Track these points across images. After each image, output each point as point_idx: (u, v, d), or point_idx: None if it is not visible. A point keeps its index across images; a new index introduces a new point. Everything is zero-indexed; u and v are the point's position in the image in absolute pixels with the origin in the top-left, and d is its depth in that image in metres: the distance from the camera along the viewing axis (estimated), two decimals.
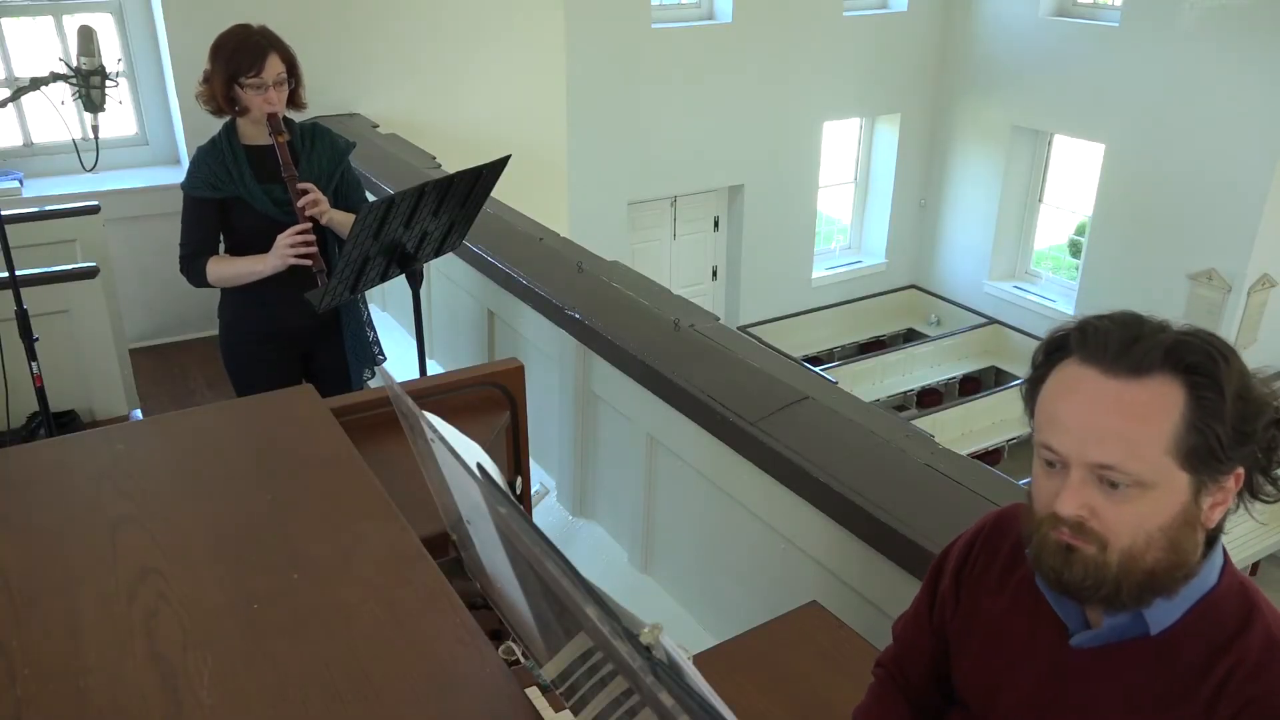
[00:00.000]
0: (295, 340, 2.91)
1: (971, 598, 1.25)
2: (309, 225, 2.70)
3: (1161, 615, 1.05)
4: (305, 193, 2.69)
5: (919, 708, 1.35)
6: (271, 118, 2.65)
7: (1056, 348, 1.07)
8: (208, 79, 2.68)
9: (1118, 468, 0.99)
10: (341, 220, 2.80)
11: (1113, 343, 1.01)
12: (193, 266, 2.76)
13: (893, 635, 1.41)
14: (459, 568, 1.61)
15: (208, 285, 2.79)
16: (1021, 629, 1.18)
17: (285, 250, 2.68)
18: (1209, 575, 1.05)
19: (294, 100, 2.75)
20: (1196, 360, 0.99)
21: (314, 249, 2.69)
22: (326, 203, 2.74)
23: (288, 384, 2.64)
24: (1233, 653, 1.02)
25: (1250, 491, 1.04)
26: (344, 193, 2.87)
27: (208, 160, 2.71)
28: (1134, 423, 0.99)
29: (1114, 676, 1.08)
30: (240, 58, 2.61)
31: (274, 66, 2.63)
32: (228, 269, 2.76)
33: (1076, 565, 1.02)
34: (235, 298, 2.84)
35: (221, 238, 2.81)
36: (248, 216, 2.73)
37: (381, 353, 3.12)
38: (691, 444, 2.57)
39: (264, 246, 2.72)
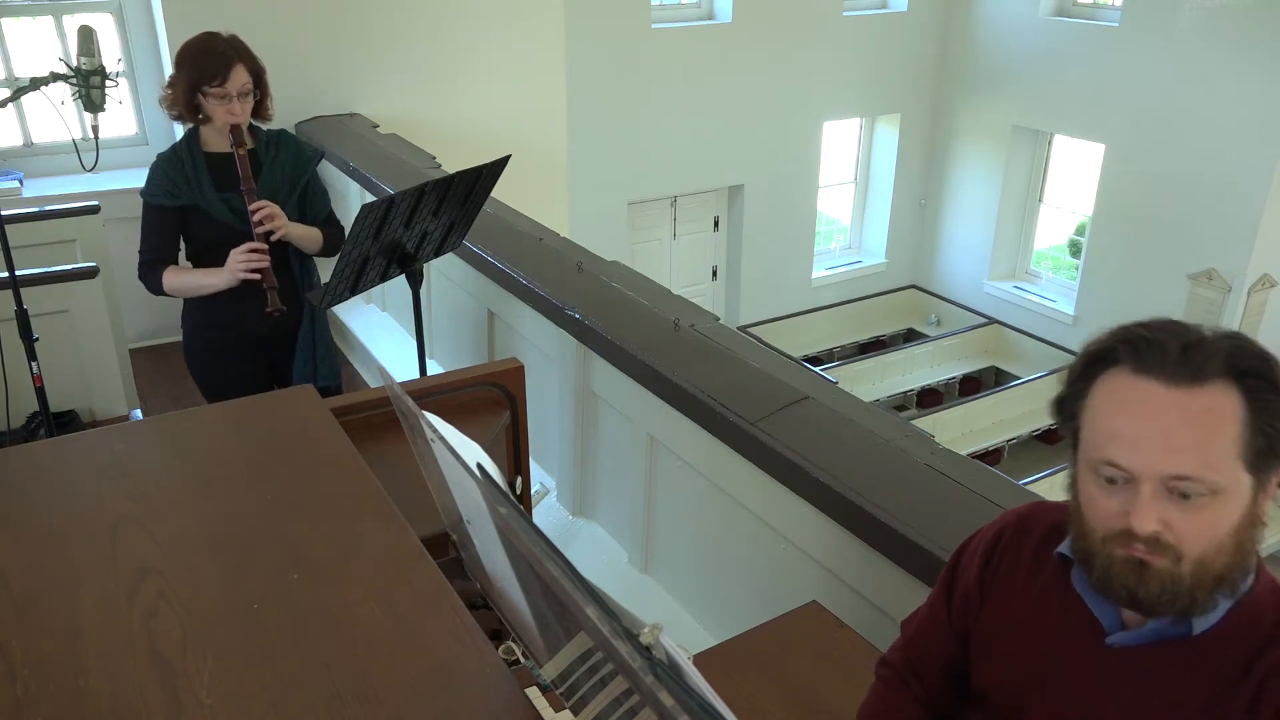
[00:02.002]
0: (259, 349, 2.88)
1: (997, 598, 1.23)
2: (263, 243, 2.67)
3: (1205, 618, 1.05)
4: (260, 208, 2.65)
5: (931, 708, 1.34)
6: (234, 129, 2.62)
7: (1098, 360, 1.05)
8: (172, 84, 2.65)
9: (1194, 477, 0.98)
10: (301, 235, 2.78)
11: (1171, 352, 1.00)
12: (150, 274, 2.73)
13: (902, 633, 1.39)
14: (459, 568, 1.61)
15: (164, 294, 2.76)
16: (1051, 629, 1.17)
17: (236, 266, 2.65)
18: (1247, 577, 1.06)
19: (260, 112, 2.73)
20: (1252, 365, 1.00)
21: (265, 265, 2.66)
22: (283, 218, 2.71)
23: (253, 391, 2.55)
24: (1272, 653, 1.03)
25: None
26: (309, 200, 2.85)
27: (166, 167, 2.68)
28: (1205, 431, 0.98)
29: (1154, 677, 1.08)
30: (205, 66, 2.58)
31: (239, 77, 2.60)
32: (182, 280, 2.73)
33: (1153, 581, 1.01)
34: (197, 306, 2.81)
35: (182, 245, 2.79)
36: (206, 225, 2.71)
37: (338, 369, 3.05)
38: (691, 444, 2.57)
39: (222, 255, 2.69)
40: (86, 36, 2.76)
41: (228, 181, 2.69)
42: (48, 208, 3.63)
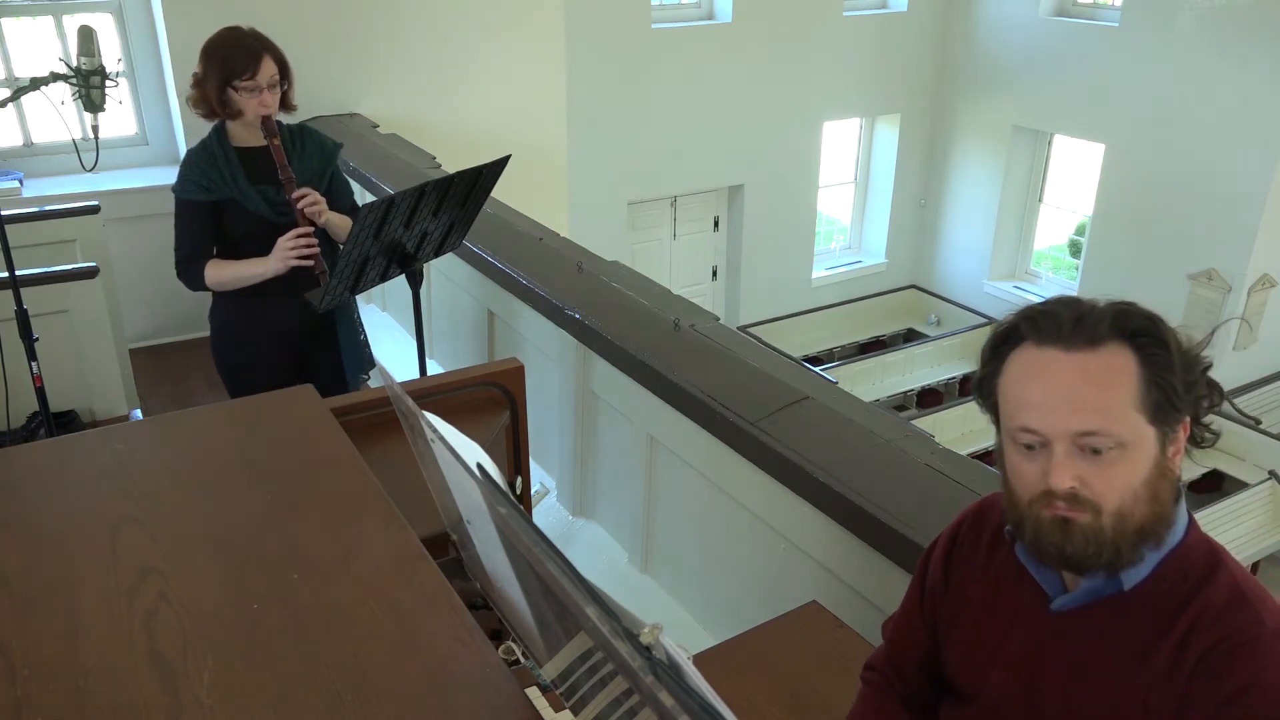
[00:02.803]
0: (288, 343, 2.89)
1: (958, 584, 1.29)
2: (310, 228, 2.69)
3: (1134, 572, 1.11)
4: (304, 195, 2.68)
5: (914, 706, 1.37)
6: (266, 120, 2.65)
7: (1005, 340, 1.14)
8: (199, 82, 2.66)
9: (1100, 432, 1.05)
10: (336, 222, 2.79)
11: (1065, 321, 1.09)
12: (190, 271, 2.73)
13: (883, 636, 1.43)
14: (459, 568, 1.61)
15: (205, 289, 2.76)
16: (1005, 605, 1.23)
17: (286, 252, 2.67)
18: (1176, 532, 1.12)
19: (285, 102, 2.74)
20: (1139, 325, 1.08)
21: (315, 250, 2.68)
22: (325, 204, 2.74)
23: (282, 387, 2.63)
24: (1199, 601, 1.08)
25: (1192, 440, 1.13)
26: (335, 193, 2.87)
27: (199, 162, 2.70)
28: (1104, 388, 1.06)
29: (1093, 634, 1.14)
30: (235, 61, 2.60)
31: (268, 69, 2.63)
32: (227, 272, 2.74)
33: (1076, 536, 1.07)
34: (228, 301, 2.81)
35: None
36: (241, 218, 2.72)
37: (372, 359, 3.10)
38: (691, 444, 2.57)
39: (258, 248, 2.70)
40: (86, 36, 2.76)
41: (260, 174, 2.71)
42: (48, 208, 3.64)
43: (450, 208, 2.76)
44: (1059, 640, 1.16)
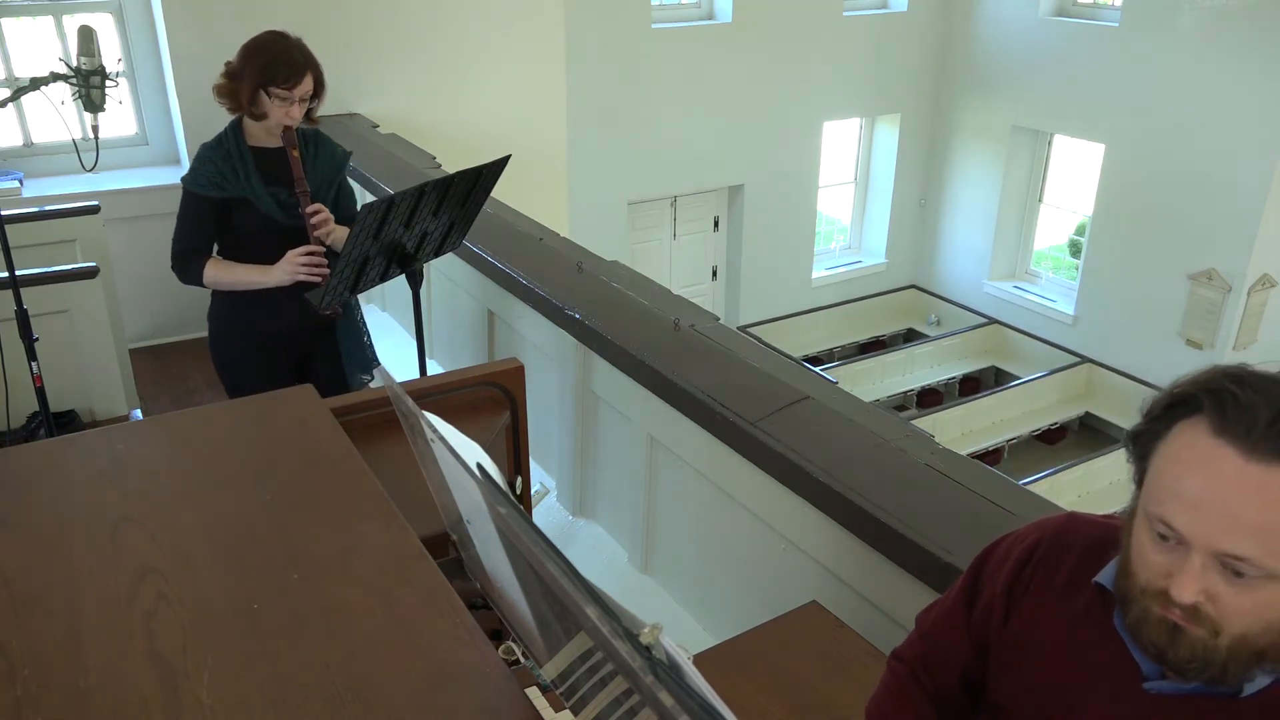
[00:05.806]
0: (288, 344, 2.88)
1: (1025, 613, 1.18)
2: (321, 247, 2.71)
3: (1252, 684, 1.00)
4: (316, 213, 2.70)
5: (942, 707, 1.30)
6: (286, 130, 2.66)
7: (1179, 404, 0.97)
8: (233, 75, 2.65)
9: (1251, 560, 0.91)
10: (339, 237, 2.80)
11: (1259, 420, 0.91)
12: (188, 266, 2.72)
13: (917, 627, 1.35)
14: (459, 568, 1.62)
15: (200, 285, 2.75)
16: (1084, 659, 1.12)
17: (296, 267, 2.68)
18: None
19: (309, 116, 2.76)
20: None
21: (325, 270, 2.69)
22: (333, 221, 2.75)
23: (280, 387, 2.64)
24: None
25: None
26: (341, 202, 2.89)
27: (214, 158, 2.68)
28: (1276, 516, 0.90)
29: None
30: (277, 69, 2.61)
31: (306, 85, 2.65)
32: (228, 275, 2.74)
33: (1183, 647, 0.96)
34: (228, 300, 2.81)
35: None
36: (249, 218, 2.71)
37: (375, 358, 3.10)
38: (691, 444, 2.57)
39: (262, 248, 2.70)
40: (86, 36, 2.76)
41: (273, 176, 2.71)
42: (48, 208, 3.64)
43: (450, 208, 2.76)
44: None
